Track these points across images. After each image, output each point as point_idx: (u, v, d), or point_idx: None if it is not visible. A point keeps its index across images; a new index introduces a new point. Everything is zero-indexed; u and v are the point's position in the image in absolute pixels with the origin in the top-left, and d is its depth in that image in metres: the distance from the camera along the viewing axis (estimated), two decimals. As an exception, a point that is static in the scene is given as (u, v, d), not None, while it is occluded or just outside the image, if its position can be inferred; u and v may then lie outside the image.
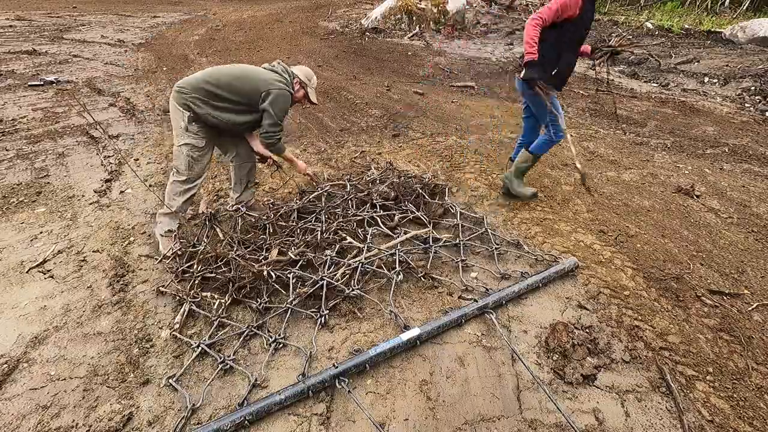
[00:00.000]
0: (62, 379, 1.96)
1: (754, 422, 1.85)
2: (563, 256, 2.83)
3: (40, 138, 4.55)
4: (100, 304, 2.38)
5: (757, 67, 7.20)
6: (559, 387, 1.99)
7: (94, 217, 3.21)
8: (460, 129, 5.05)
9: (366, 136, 4.84)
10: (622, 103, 6.19)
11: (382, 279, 2.55)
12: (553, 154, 4.41)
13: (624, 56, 8.62)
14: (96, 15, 13.14)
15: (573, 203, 3.50)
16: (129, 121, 5.10)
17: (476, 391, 1.95)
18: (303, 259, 2.59)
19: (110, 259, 2.74)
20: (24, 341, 2.14)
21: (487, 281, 2.60)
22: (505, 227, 3.17)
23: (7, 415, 1.81)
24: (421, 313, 2.37)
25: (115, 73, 7.22)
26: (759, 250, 2.99)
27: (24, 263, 2.69)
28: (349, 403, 1.87)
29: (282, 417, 1.81)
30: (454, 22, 11.16)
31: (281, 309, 2.28)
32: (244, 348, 2.13)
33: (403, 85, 6.98)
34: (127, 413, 1.81)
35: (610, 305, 2.46)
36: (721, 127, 5.35)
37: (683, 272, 2.73)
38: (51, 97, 5.83)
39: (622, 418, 1.86)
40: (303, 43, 9.81)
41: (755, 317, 2.41)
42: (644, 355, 2.16)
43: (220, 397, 1.89)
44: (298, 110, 5.63)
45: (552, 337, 2.21)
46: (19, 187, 3.59)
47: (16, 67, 7.20)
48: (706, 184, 3.87)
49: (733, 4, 13.65)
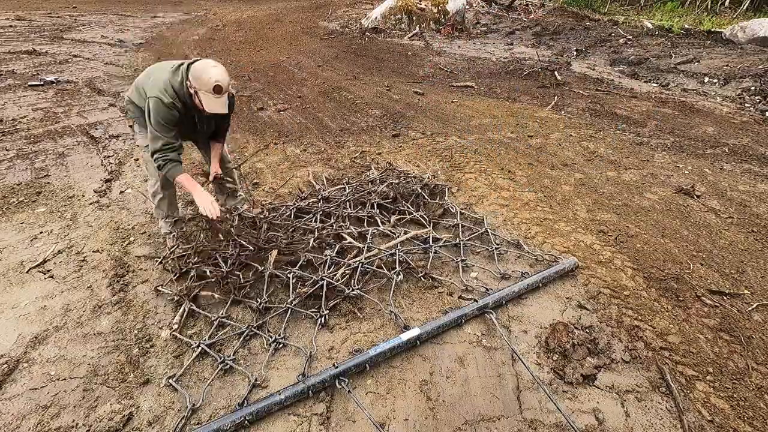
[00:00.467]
0: (62, 379, 1.96)
1: (754, 422, 1.85)
2: (563, 256, 2.83)
3: (40, 138, 4.55)
4: (100, 304, 2.38)
5: (757, 67, 7.20)
6: (559, 387, 1.99)
7: (94, 217, 3.21)
8: (460, 129, 5.05)
9: (366, 136, 4.84)
10: (622, 103, 6.19)
11: (382, 279, 2.55)
12: (552, 154, 4.42)
13: (624, 56, 8.62)
14: (96, 15, 13.14)
15: (573, 203, 3.50)
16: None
17: (476, 391, 1.95)
18: (303, 259, 2.59)
19: (110, 259, 2.74)
20: (24, 341, 2.14)
21: (487, 281, 2.60)
22: (505, 227, 3.17)
23: (7, 415, 1.81)
24: (421, 313, 2.37)
25: (115, 73, 7.22)
26: (759, 250, 2.99)
27: (24, 263, 2.69)
28: (349, 403, 1.87)
29: (282, 417, 1.81)
30: (454, 22, 11.16)
31: (281, 309, 2.29)
32: (244, 348, 2.13)
33: (403, 85, 6.98)
34: (127, 413, 1.81)
35: (610, 305, 2.46)
36: (721, 127, 5.35)
37: (683, 272, 2.73)
38: (51, 97, 5.83)
39: (622, 418, 1.86)
40: (303, 43, 9.81)
41: (755, 317, 2.41)
42: (644, 355, 2.16)
43: (220, 397, 1.89)
44: (298, 110, 5.63)
45: (552, 337, 2.22)
46: (19, 187, 3.59)
47: (16, 67, 7.20)
48: (706, 184, 3.87)
49: (733, 4, 13.65)
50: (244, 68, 7.67)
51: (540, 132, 5.02)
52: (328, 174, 3.85)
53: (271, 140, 4.67)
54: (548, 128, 5.15)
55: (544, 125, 5.25)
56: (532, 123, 5.31)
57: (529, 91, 6.79)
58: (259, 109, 5.64)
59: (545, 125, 5.25)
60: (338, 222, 2.96)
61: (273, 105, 5.84)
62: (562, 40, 10.23)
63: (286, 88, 6.63)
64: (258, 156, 4.25)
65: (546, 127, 5.17)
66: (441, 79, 7.39)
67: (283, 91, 6.48)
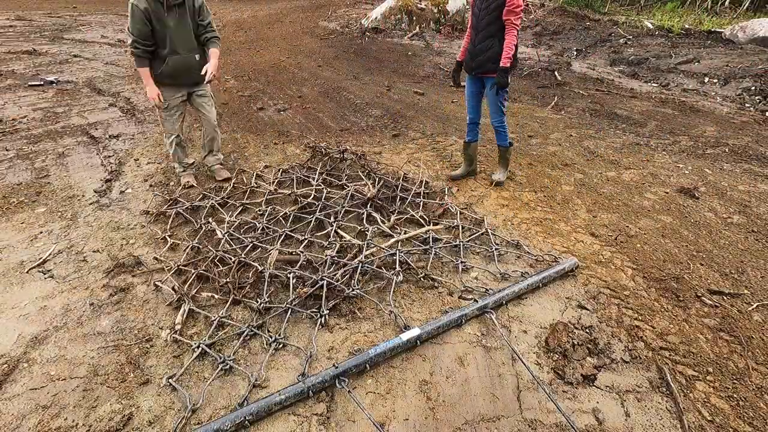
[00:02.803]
0: (62, 379, 1.96)
1: (754, 422, 1.85)
2: (563, 256, 2.83)
3: (41, 138, 4.55)
4: (100, 304, 2.38)
5: (757, 67, 7.20)
6: (559, 387, 1.99)
7: (94, 217, 3.21)
8: (460, 129, 5.04)
9: (366, 136, 4.84)
10: (623, 103, 6.19)
11: (382, 280, 2.55)
12: (552, 154, 4.42)
13: (624, 56, 8.62)
14: (96, 15, 13.14)
15: (573, 203, 3.51)
16: (129, 121, 5.10)
17: (476, 391, 1.95)
18: (303, 259, 2.59)
19: (110, 259, 2.74)
20: (24, 341, 2.15)
21: (487, 281, 2.60)
22: (505, 227, 3.17)
23: (7, 415, 1.81)
24: (421, 313, 2.37)
25: (115, 73, 7.22)
26: (759, 250, 2.99)
27: (24, 263, 2.69)
28: (349, 402, 1.87)
29: (282, 417, 1.81)
30: (454, 22, 11.16)
31: (281, 309, 2.29)
32: (244, 348, 2.13)
33: (403, 85, 6.98)
34: (127, 413, 1.81)
35: (610, 305, 2.46)
36: (721, 127, 5.34)
37: (683, 272, 2.73)
38: (51, 97, 5.83)
39: (622, 418, 1.86)
40: (303, 43, 9.82)
41: (755, 317, 2.41)
42: (644, 355, 2.16)
43: (220, 397, 1.89)
44: (298, 110, 5.63)
45: (552, 337, 2.22)
46: (20, 187, 3.59)
47: (17, 67, 7.20)
48: (706, 184, 3.87)
49: (733, 4, 13.64)
50: (244, 68, 7.67)
51: (540, 132, 5.02)
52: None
53: (271, 140, 4.67)
54: (548, 128, 5.15)
55: (544, 125, 5.25)
56: (532, 123, 5.31)
57: (529, 91, 6.79)
58: (259, 109, 5.64)
59: (545, 125, 5.25)
60: (338, 221, 2.97)
61: (273, 105, 5.84)
62: (562, 40, 10.23)
63: (286, 88, 6.63)
64: (258, 156, 4.26)
65: (546, 127, 5.17)
66: (441, 79, 7.39)
67: (283, 91, 6.48)
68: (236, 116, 5.38)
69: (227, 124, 5.12)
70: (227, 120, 5.23)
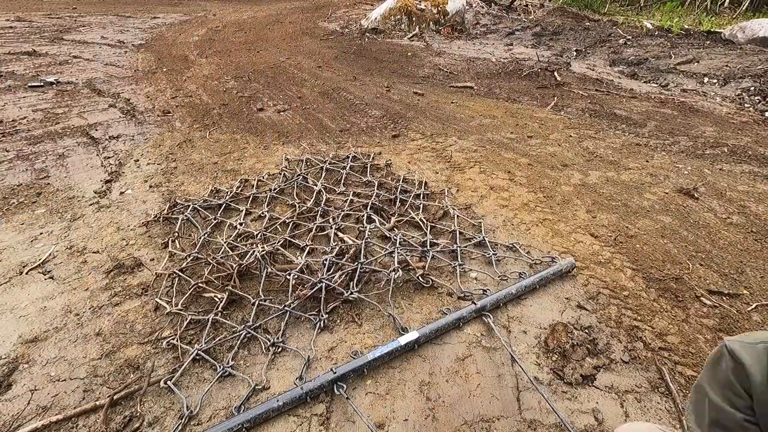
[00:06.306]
0: (62, 380, 1.96)
1: (753, 422, 1.85)
2: (562, 256, 2.83)
3: (41, 139, 4.56)
4: (100, 305, 2.38)
5: (757, 67, 7.21)
6: (558, 387, 1.99)
7: (94, 218, 3.22)
8: (460, 129, 5.05)
9: (366, 137, 4.84)
10: (622, 104, 6.20)
11: (380, 282, 2.56)
12: (552, 154, 4.42)
13: (624, 56, 8.63)
14: (96, 16, 13.14)
15: (572, 204, 3.51)
16: (129, 122, 5.11)
17: (476, 392, 1.96)
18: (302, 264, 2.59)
19: (110, 261, 2.75)
20: (24, 342, 2.15)
21: (486, 282, 2.60)
22: (505, 228, 3.17)
23: (6, 415, 1.81)
24: (420, 314, 2.37)
25: (115, 74, 7.23)
26: (758, 250, 3.00)
27: (24, 264, 2.70)
28: (348, 403, 1.87)
29: (281, 417, 1.82)
30: (454, 23, 11.17)
31: (279, 311, 2.29)
32: (243, 349, 2.13)
33: (403, 85, 6.99)
34: (128, 414, 1.81)
35: (610, 305, 2.46)
36: (720, 127, 5.35)
37: (682, 272, 2.74)
38: (51, 98, 5.84)
39: (622, 418, 1.87)
40: (303, 44, 9.82)
41: (754, 317, 2.41)
42: (643, 355, 2.16)
43: (219, 398, 1.89)
44: (298, 111, 5.64)
45: (551, 337, 2.22)
46: (19, 188, 3.60)
47: (16, 68, 7.20)
48: (705, 184, 3.87)
49: (733, 4, 13.64)
50: (244, 69, 7.68)
51: (539, 132, 5.02)
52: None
53: (271, 141, 4.67)
54: (548, 129, 5.16)
55: (544, 126, 5.25)
56: (531, 123, 5.32)
57: (529, 91, 6.80)
58: (258, 110, 5.64)
59: (545, 126, 5.25)
60: (337, 222, 2.97)
61: (273, 106, 5.85)
62: (562, 40, 10.24)
63: (286, 88, 6.63)
64: (257, 156, 4.26)
65: (545, 128, 5.18)
66: (441, 80, 7.39)
67: (282, 91, 6.48)
68: (236, 117, 5.38)
69: (227, 125, 5.12)
70: (227, 121, 5.24)
